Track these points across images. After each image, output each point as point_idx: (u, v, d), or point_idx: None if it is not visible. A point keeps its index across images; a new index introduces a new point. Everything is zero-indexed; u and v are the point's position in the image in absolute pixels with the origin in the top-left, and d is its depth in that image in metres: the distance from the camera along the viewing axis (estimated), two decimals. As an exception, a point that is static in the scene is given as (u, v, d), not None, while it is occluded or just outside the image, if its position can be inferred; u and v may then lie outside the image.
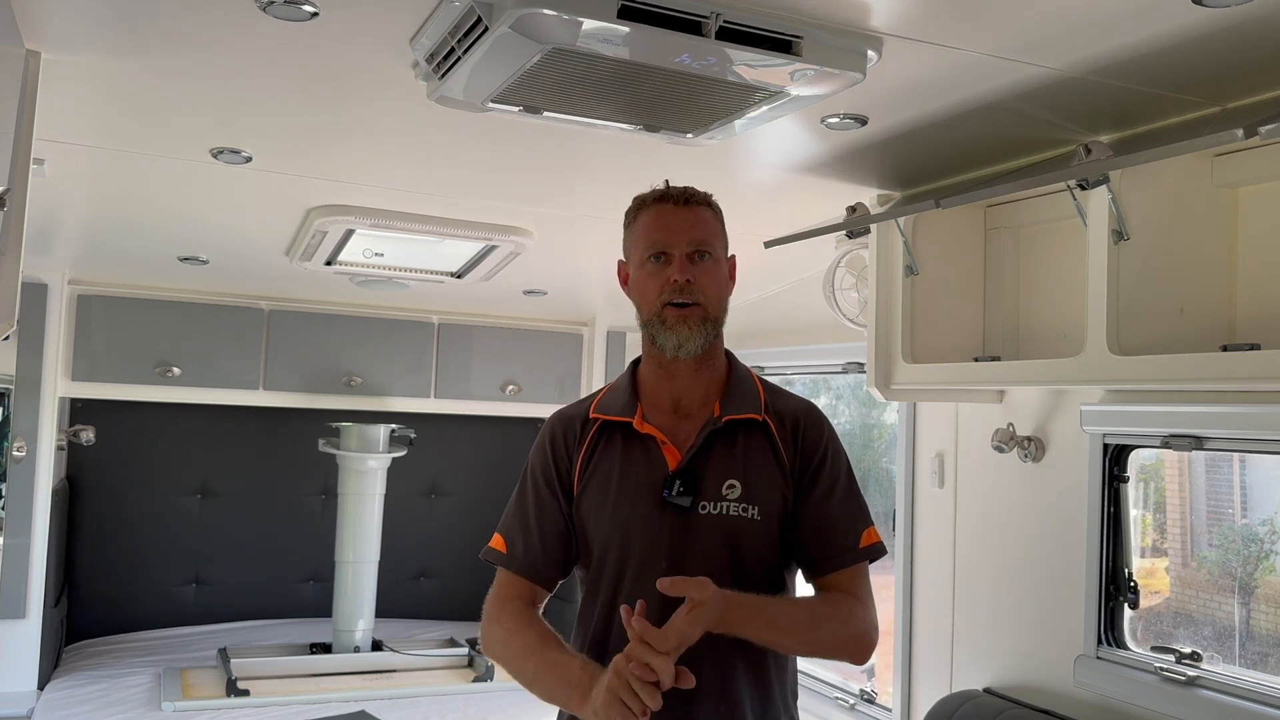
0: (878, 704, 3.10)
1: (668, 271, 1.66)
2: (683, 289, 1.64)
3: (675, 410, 1.72)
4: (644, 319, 1.71)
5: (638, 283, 1.71)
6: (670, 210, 1.69)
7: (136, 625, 4.26)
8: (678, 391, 1.72)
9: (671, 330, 1.66)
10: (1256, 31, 1.56)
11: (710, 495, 1.66)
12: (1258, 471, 2.52)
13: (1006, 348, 2.50)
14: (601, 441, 1.73)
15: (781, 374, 3.79)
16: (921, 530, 2.92)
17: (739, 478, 1.67)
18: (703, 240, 1.68)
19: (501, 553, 1.75)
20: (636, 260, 1.71)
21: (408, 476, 4.43)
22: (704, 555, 1.63)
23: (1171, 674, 2.16)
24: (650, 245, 1.68)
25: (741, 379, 1.76)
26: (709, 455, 1.68)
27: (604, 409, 1.75)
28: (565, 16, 1.46)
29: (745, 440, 1.70)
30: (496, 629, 1.71)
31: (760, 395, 1.75)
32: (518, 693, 3.84)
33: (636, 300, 1.72)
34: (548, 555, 1.72)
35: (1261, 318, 1.96)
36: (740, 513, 1.65)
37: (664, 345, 1.67)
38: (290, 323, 4.05)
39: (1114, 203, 1.94)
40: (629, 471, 1.69)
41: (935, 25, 1.60)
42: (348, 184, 2.68)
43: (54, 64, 1.80)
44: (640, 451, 1.70)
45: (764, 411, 1.72)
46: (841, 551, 1.70)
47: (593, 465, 1.72)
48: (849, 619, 1.67)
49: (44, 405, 3.55)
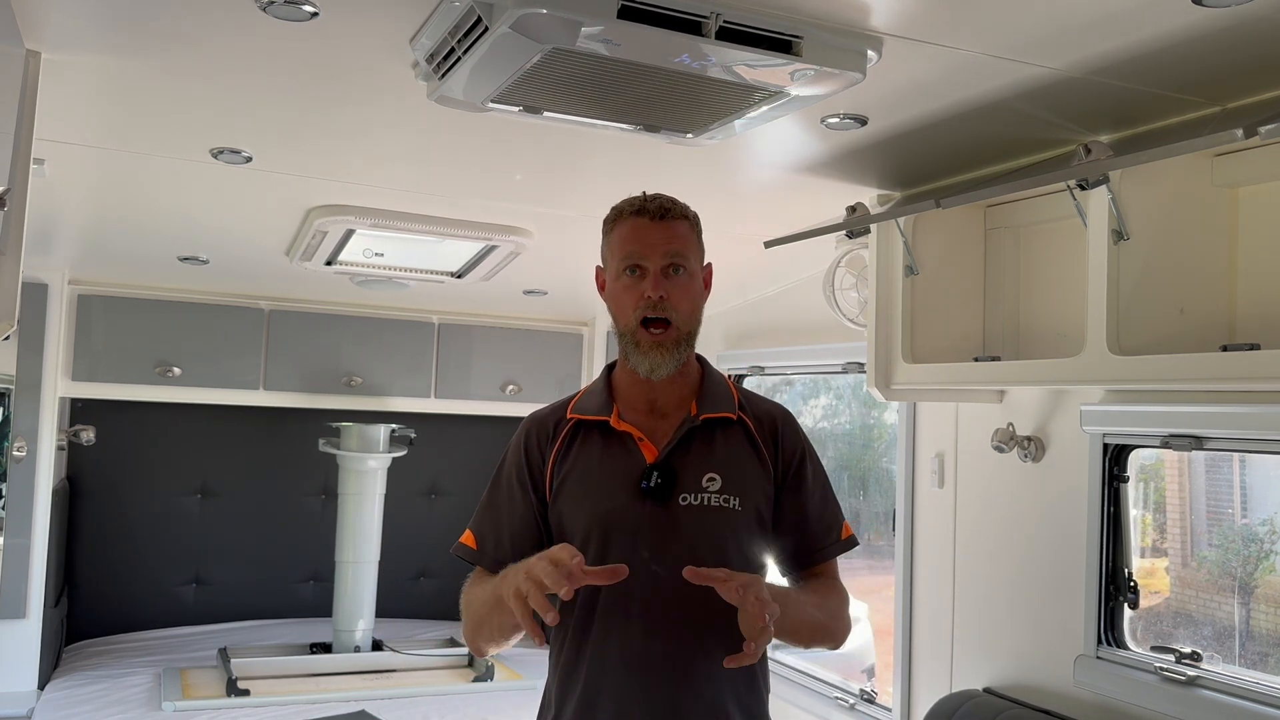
0: (878, 704, 3.09)
1: (642, 286, 1.68)
2: (656, 305, 1.67)
3: (651, 411, 1.75)
4: (619, 331, 1.74)
5: (613, 294, 1.73)
6: (646, 224, 1.70)
7: (136, 625, 4.26)
8: (653, 394, 1.74)
9: (645, 354, 1.69)
10: (1256, 31, 1.56)
11: (690, 487, 1.68)
12: (1258, 471, 2.52)
13: (1006, 348, 2.50)
14: (578, 440, 1.74)
15: (781, 374, 3.80)
16: (921, 530, 2.92)
17: (718, 471, 1.70)
18: (678, 254, 1.69)
19: (472, 548, 1.78)
20: (612, 271, 1.73)
21: (408, 476, 4.43)
22: (687, 545, 1.64)
23: (1171, 674, 2.16)
24: (626, 258, 1.70)
25: (715, 382, 1.80)
26: (687, 451, 1.71)
27: (580, 409, 1.77)
28: (565, 16, 1.46)
29: (724, 438, 1.74)
30: (464, 611, 1.74)
31: (734, 396, 1.79)
32: (518, 693, 3.82)
33: (612, 311, 1.75)
34: (517, 551, 1.72)
35: (1261, 318, 1.96)
36: (722, 503, 1.68)
37: (637, 367, 1.70)
38: (290, 323, 4.05)
39: (1114, 203, 1.94)
40: (607, 467, 1.71)
41: (935, 25, 1.60)
42: (348, 184, 2.68)
43: (54, 64, 1.80)
44: (618, 448, 1.72)
45: (739, 410, 1.77)
46: (827, 545, 1.79)
47: (568, 463, 1.73)
48: (845, 604, 1.78)
49: (44, 405, 3.55)
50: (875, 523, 3.99)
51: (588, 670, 1.66)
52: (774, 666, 3.46)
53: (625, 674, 1.64)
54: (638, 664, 1.63)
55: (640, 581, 1.58)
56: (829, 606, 1.74)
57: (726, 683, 1.65)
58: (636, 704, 1.63)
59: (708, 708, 1.64)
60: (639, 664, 1.63)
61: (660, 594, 1.59)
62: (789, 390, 4.24)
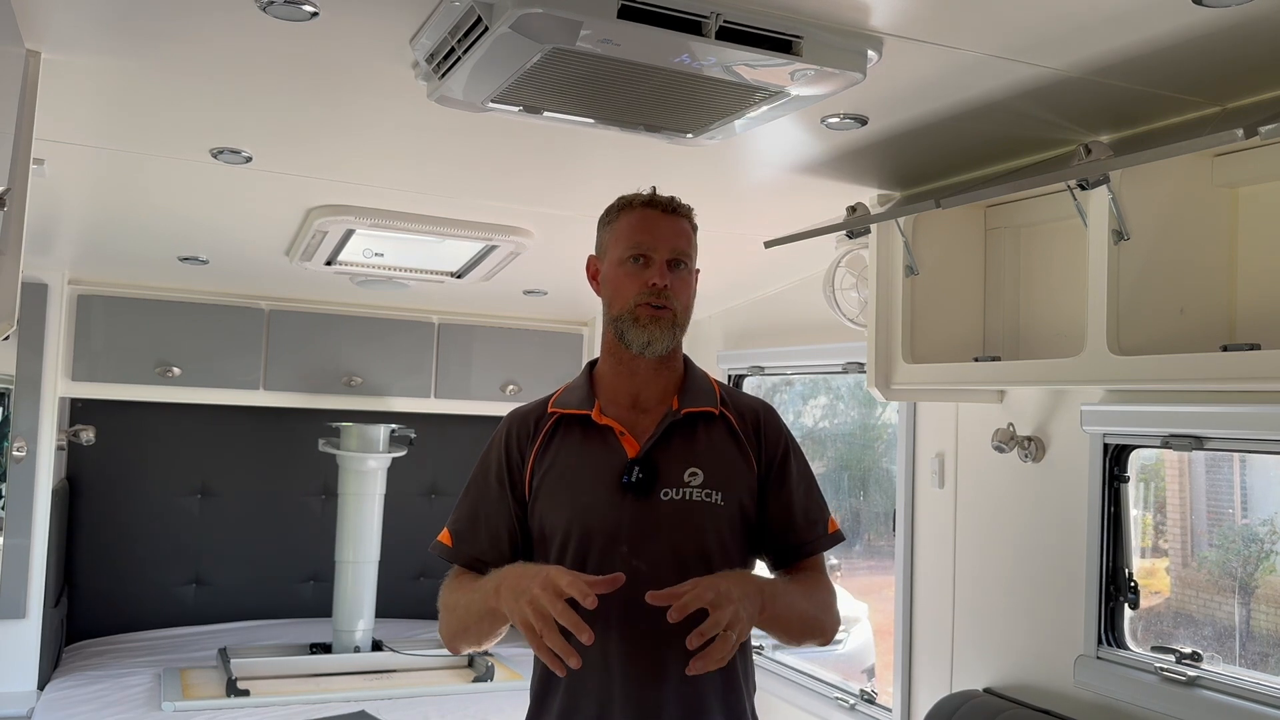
0: (878, 704, 3.09)
1: (647, 274, 1.69)
2: (659, 293, 1.69)
3: (633, 406, 1.75)
4: (613, 315, 1.74)
5: (613, 280, 1.74)
6: (656, 216, 1.73)
7: (136, 625, 4.26)
8: (636, 388, 1.75)
9: (644, 328, 1.69)
10: (1256, 31, 1.56)
11: (671, 482, 1.68)
12: (1258, 471, 2.52)
13: (1006, 348, 2.50)
14: (558, 435, 1.75)
15: (781, 374, 3.79)
16: (921, 530, 2.92)
17: (701, 466, 1.70)
18: (682, 250, 1.73)
19: (447, 546, 1.79)
20: (615, 258, 1.74)
21: (408, 476, 4.43)
22: (669, 540, 1.65)
23: (1172, 674, 2.16)
24: (633, 246, 1.71)
25: (698, 378, 1.81)
26: (668, 445, 1.71)
27: (562, 404, 1.77)
28: (565, 16, 1.46)
29: (706, 432, 1.74)
30: (445, 612, 1.75)
31: (716, 391, 1.80)
32: (518, 693, 3.83)
33: (608, 296, 1.75)
34: (494, 549, 1.73)
35: (1261, 318, 1.96)
36: (704, 498, 1.68)
37: (632, 342, 1.71)
38: (290, 323, 4.05)
39: (1114, 203, 1.94)
40: (588, 462, 1.71)
41: (935, 25, 1.60)
42: (348, 184, 2.68)
43: (54, 64, 1.80)
44: (599, 443, 1.72)
45: (720, 405, 1.77)
46: (815, 538, 1.79)
47: (549, 459, 1.73)
48: (833, 598, 1.78)
49: (44, 405, 3.54)
50: (875, 523, 3.99)
51: (569, 669, 1.65)
52: (775, 667, 3.48)
53: (606, 672, 1.63)
54: (619, 661, 1.63)
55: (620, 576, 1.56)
56: (818, 599, 1.74)
57: (707, 681, 1.64)
58: (617, 702, 1.63)
59: (688, 705, 1.64)
60: (620, 662, 1.63)
61: (641, 590, 1.58)
62: (789, 390, 4.24)
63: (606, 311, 1.76)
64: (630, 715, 1.63)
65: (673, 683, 1.63)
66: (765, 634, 1.69)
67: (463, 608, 1.69)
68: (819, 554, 1.80)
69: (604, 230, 1.79)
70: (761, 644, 3.44)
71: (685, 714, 1.64)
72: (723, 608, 1.47)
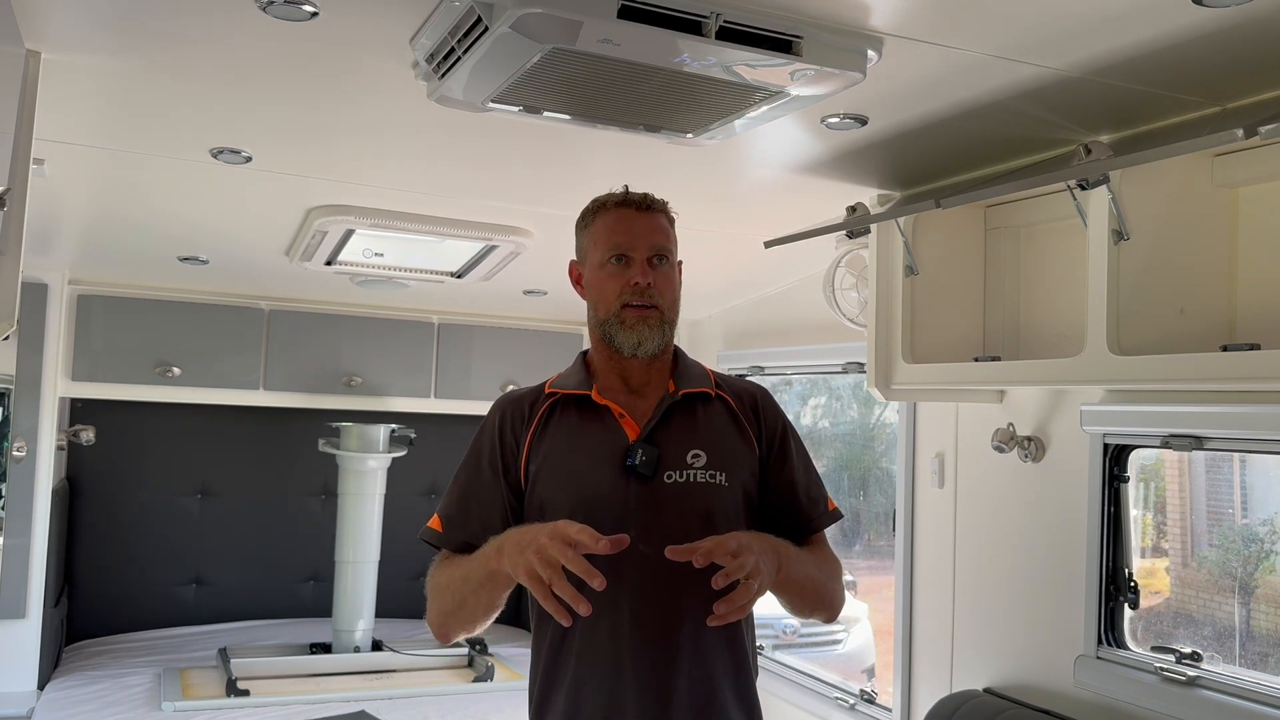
0: (878, 704, 3.10)
1: (628, 274, 1.70)
2: (643, 291, 1.69)
3: (629, 390, 1.75)
4: (600, 318, 1.74)
5: (596, 283, 1.74)
6: (632, 214, 1.74)
7: (136, 625, 4.26)
8: (629, 375, 1.75)
9: (631, 330, 1.70)
10: (1256, 31, 1.56)
11: (675, 464, 1.67)
12: (1258, 471, 2.53)
13: (1006, 348, 2.50)
14: (555, 417, 1.74)
15: (781, 374, 3.79)
16: (921, 530, 2.92)
17: (702, 447, 1.70)
18: (662, 246, 1.73)
19: (437, 531, 1.76)
20: (595, 261, 1.75)
21: (408, 476, 4.43)
22: (675, 522, 1.63)
23: (1171, 674, 2.16)
24: (612, 247, 1.72)
25: (690, 363, 1.82)
26: (668, 427, 1.71)
27: (559, 385, 1.77)
28: (565, 16, 1.46)
29: (705, 414, 1.75)
30: (436, 594, 1.71)
31: (710, 375, 1.81)
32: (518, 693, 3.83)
33: (593, 300, 1.76)
34: (486, 534, 1.69)
35: (1261, 318, 1.96)
36: (708, 479, 1.68)
37: (621, 344, 1.71)
38: (290, 323, 4.05)
39: (1114, 203, 1.94)
40: (588, 444, 1.70)
41: (935, 25, 1.60)
42: (348, 184, 2.68)
43: (54, 64, 1.80)
44: (598, 424, 1.72)
45: (716, 388, 1.78)
46: (817, 516, 1.80)
47: (546, 442, 1.72)
48: (840, 570, 1.80)
49: (44, 405, 3.54)
50: (875, 523, 3.99)
51: (576, 655, 1.65)
52: (775, 667, 3.48)
53: (615, 657, 1.62)
54: (628, 646, 1.62)
55: (628, 563, 1.56)
56: (829, 569, 1.76)
57: (716, 663, 1.65)
58: (627, 687, 1.62)
59: (698, 688, 1.64)
60: (629, 646, 1.62)
61: (648, 575, 1.58)
62: (789, 390, 4.24)
63: (593, 315, 1.76)
64: (643, 700, 1.61)
65: (682, 665, 1.62)
66: (777, 599, 1.69)
67: (459, 580, 1.65)
68: (822, 530, 1.81)
69: (582, 234, 1.80)
70: (762, 644, 3.44)
71: (695, 696, 1.64)
72: (745, 555, 1.47)
